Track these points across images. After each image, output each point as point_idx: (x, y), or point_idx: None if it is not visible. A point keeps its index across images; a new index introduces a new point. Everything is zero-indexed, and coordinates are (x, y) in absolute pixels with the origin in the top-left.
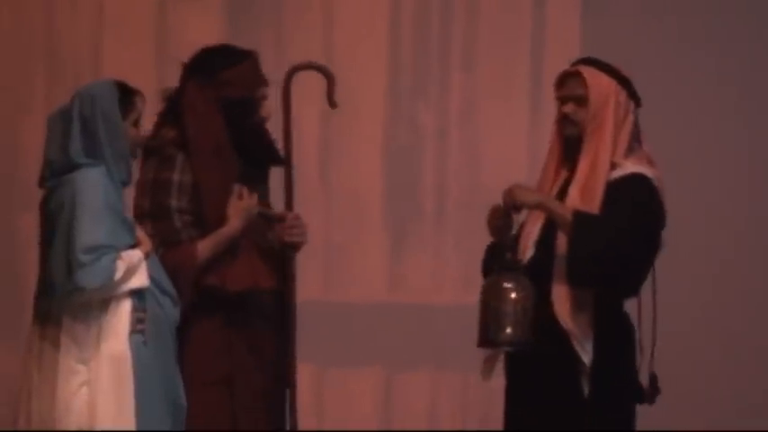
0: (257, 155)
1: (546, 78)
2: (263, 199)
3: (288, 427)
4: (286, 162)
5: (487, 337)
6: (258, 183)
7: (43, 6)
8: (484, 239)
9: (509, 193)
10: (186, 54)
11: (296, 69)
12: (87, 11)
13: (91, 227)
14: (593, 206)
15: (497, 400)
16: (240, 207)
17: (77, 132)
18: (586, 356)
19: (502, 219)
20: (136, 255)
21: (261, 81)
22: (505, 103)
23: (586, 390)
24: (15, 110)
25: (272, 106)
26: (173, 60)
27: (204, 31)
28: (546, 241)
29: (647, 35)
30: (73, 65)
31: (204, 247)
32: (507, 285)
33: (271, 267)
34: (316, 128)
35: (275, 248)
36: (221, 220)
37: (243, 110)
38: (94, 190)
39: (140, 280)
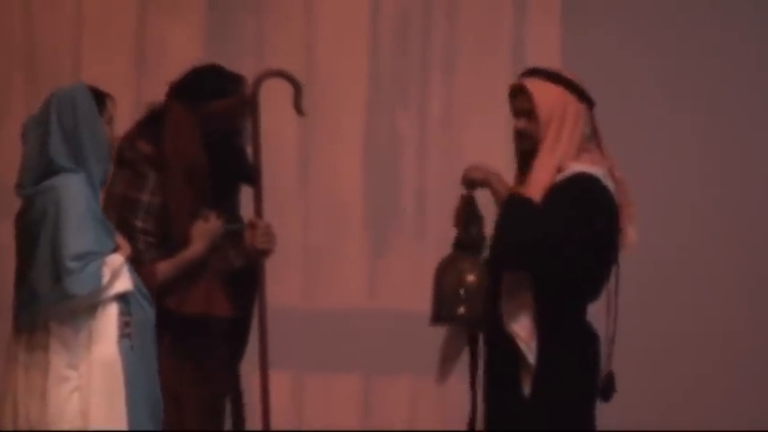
0: (233, 176)
1: None
2: (232, 212)
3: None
4: (255, 169)
5: (440, 314)
6: (227, 197)
7: (22, 11)
8: None
9: (464, 172)
10: (165, 61)
11: (263, 77)
12: (67, 16)
13: (77, 234)
14: None
15: (475, 408)
16: (204, 230)
17: (57, 135)
18: (531, 355)
19: (464, 209)
20: (118, 259)
21: (246, 111)
22: (485, 109)
23: (527, 390)
24: None
25: (248, 127)
26: (151, 67)
27: (184, 40)
28: None
29: (626, 40)
30: (52, 70)
31: (164, 269)
32: (462, 264)
33: (228, 295)
34: (295, 133)
35: (237, 268)
36: (187, 242)
37: (227, 140)
38: (77, 197)
39: (124, 284)
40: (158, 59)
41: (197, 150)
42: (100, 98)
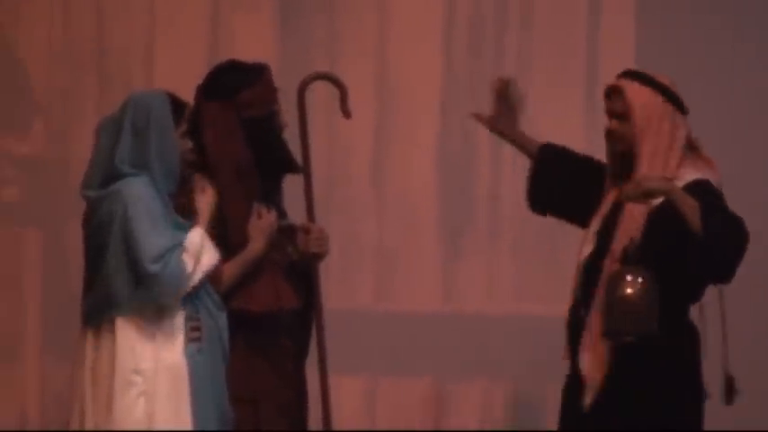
0: (278, 168)
1: (601, 86)
2: (279, 206)
3: None
4: (305, 172)
5: (612, 329)
6: (273, 192)
7: (95, 11)
8: (538, 249)
9: (638, 182)
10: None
11: (308, 81)
12: (138, 17)
13: (150, 235)
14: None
15: (550, 412)
16: (261, 226)
17: (127, 141)
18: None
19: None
20: (197, 235)
21: (275, 94)
22: (560, 111)
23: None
24: (66, 117)
25: (286, 115)
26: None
27: (256, 39)
28: (604, 235)
29: (703, 39)
30: (124, 73)
31: (229, 271)
32: (630, 277)
33: (293, 286)
34: (369, 136)
35: (295, 261)
36: (245, 241)
37: (265, 127)
38: (143, 200)
39: (210, 258)
40: (231, 56)
41: (241, 146)
42: (179, 108)
